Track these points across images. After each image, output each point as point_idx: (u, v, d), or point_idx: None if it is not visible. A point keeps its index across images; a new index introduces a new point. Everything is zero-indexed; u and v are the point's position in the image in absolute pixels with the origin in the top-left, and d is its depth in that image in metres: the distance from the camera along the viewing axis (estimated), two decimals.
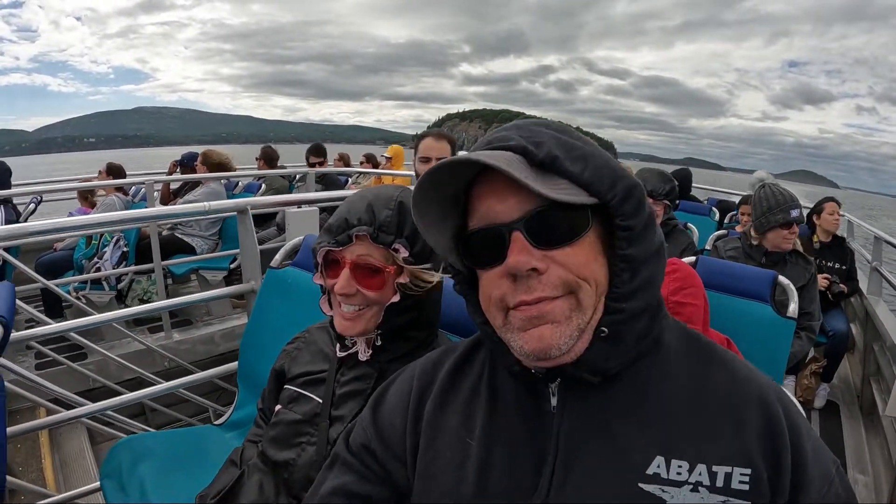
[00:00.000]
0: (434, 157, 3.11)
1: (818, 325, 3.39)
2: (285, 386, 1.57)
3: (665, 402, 0.83)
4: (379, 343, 1.44)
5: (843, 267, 4.97)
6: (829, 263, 4.92)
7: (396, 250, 1.34)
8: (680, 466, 0.77)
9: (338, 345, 1.50)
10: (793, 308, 2.27)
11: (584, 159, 0.81)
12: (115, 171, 5.92)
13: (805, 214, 4.33)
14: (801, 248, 3.55)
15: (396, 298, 1.37)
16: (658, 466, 0.78)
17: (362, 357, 1.46)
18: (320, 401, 1.47)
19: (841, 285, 4.77)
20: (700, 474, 0.77)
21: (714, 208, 6.41)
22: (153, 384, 3.17)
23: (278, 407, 1.55)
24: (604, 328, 0.82)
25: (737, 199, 6.52)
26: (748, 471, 0.76)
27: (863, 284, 5.45)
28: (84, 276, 4.61)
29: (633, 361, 0.86)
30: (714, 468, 0.77)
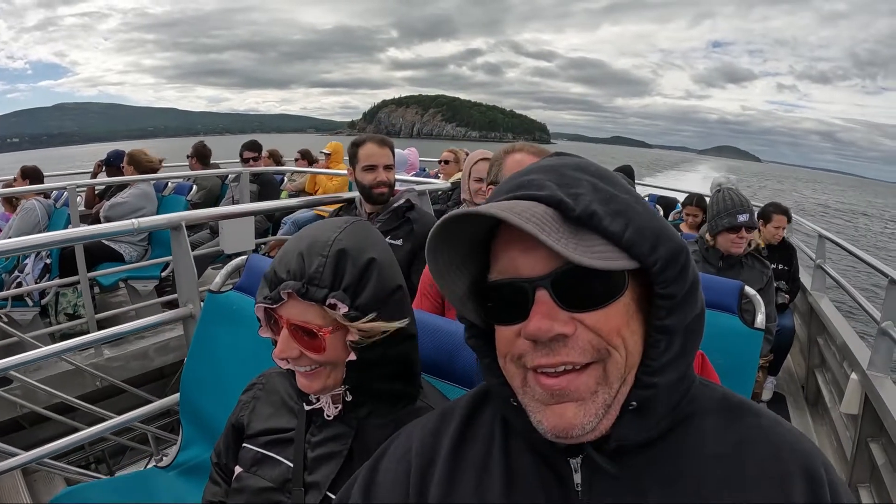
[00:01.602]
0: (381, 165, 2.97)
1: (774, 326, 3.57)
2: (245, 445, 1.39)
3: (703, 475, 0.76)
4: (350, 398, 1.27)
5: (788, 269, 5.13)
6: (773, 265, 5.04)
7: (333, 306, 1.16)
8: None
9: (304, 402, 1.32)
10: (760, 319, 2.27)
11: (626, 216, 0.73)
12: (30, 174, 5.56)
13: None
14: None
15: (352, 357, 1.20)
16: None
17: (329, 415, 1.29)
18: (290, 464, 1.29)
19: (785, 295, 5.00)
20: None
21: (657, 205, 6.48)
22: (84, 409, 2.96)
23: (239, 469, 1.36)
24: (633, 402, 0.75)
25: (678, 197, 6.58)
26: None
27: (806, 281, 5.70)
28: (4, 293, 4.28)
29: (664, 432, 0.79)
30: None
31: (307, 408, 1.31)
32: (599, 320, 0.72)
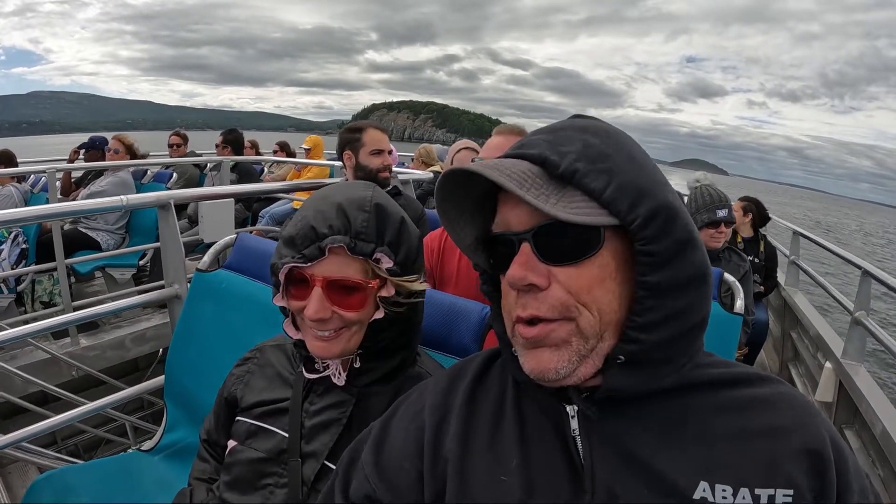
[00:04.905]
0: (386, 150, 3.05)
1: (752, 319, 3.69)
2: (239, 418, 1.35)
3: (703, 426, 0.78)
4: (357, 365, 1.25)
5: (762, 262, 5.21)
6: (748, 258, 5.14)
7: (378, 261, 1.16)
8: (724, 490, 0.73)
9: (302, 367, 1.29)
10: (739, 304, 2.33)
11: (609, 174, 0.75)
12: (4, 158, 5.45)
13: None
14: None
15: (380, 315, 1.19)
16: (703, 491, 0.73)
17: (339, 383, 1.26)
18: (285, 434, 1.26)
19: (760, 286, 5.09)
20: (744, 498, 0.73)
21: None
22: (60, 398, 2.88)
23: (233, 443, 1.32)
24: (620, 356, 0.77)
25: None
26: (790, 492, 0.72)
27: (780, 277, 5.78)
28: None
29: (670, 390, 0.81)
30: (757, 491, 0.73)
31: (312, 377, 1.28)
32: (571, 276, 0.75)
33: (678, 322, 0.76)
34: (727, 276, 2.47)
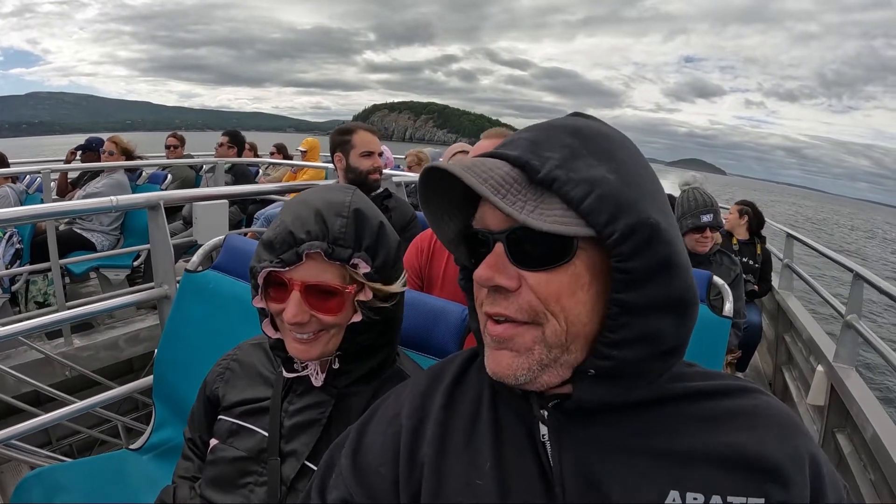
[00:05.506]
0: (376, 152, 3.06)
1: (743, 321, 3.67)
2: (220, 417, 1.37)
3: (676, 437, 0.77)
4: (336, 366, 1.26)
5: (756, 265, 5.25)
6: (743, 259, 5.20)
7: (355, 266, 1.16)
8: (695, 498, 0.73)
9: (282, 368, 1.31)
10: (728, 307, 2.32)
11: (591, 184, 0.72)
12: None
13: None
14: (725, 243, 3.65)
15: (358, 318, 1.21)
16: (674, 500, 0.73)
17: (317, 383, 1.27)
18: (265, 434, 1.27)
19: (754, 286, 5.14)
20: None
21: None
22: (53, 398, 2.89)
23: (215, 442, 1.34)
24: (591, 370, 0.76)
25: None
26: (761, 500, 0.72)
27: (773, 280, 5.79)
28: None
29: (645, 402, 0.80)
30: (729, 499, 0.72)
31: (290, 375, 1.30)
32: (541, 282, 0.74)
33: (652, 344, 0.75)
34: (716, 279, 2.46)
